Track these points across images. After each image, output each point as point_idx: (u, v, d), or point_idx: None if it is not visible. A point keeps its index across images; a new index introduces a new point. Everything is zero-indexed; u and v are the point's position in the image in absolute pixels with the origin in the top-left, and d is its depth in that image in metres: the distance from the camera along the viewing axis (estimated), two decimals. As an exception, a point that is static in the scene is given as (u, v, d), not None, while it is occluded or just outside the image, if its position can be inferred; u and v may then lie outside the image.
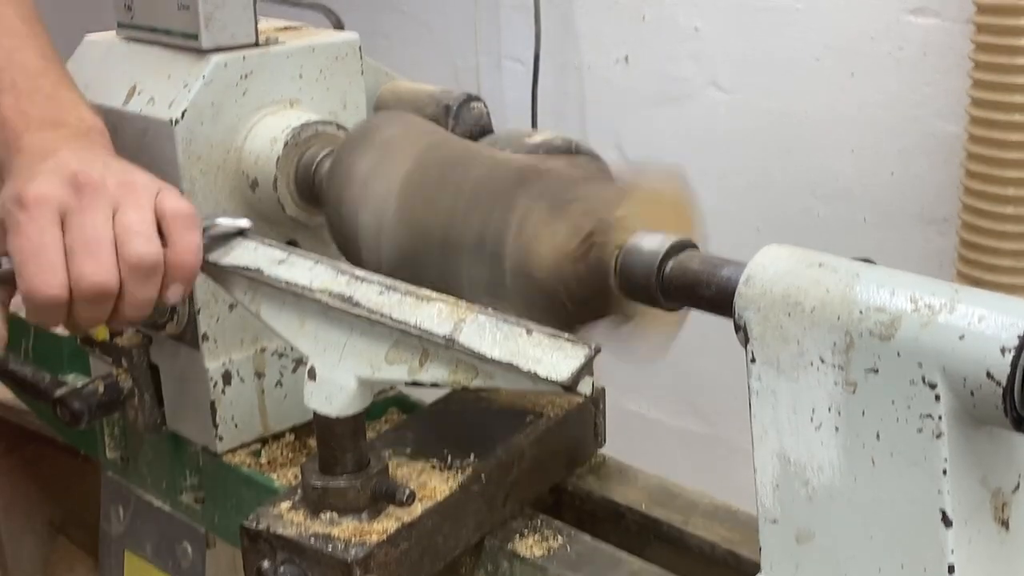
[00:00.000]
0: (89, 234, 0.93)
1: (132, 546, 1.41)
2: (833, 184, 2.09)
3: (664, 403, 2.45)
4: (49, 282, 0.92)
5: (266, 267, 1.02)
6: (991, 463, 0.81)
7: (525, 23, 2.40)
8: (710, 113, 2.23)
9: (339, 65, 1.25)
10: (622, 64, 2.34)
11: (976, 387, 0.75)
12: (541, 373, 0.88)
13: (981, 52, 1.72)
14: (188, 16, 1.17)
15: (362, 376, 0.98)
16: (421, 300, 0.95)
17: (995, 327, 0.75)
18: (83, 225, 0.93)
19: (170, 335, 1.23)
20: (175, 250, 0.97)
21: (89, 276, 0.92)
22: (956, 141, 1.84)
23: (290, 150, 1.17)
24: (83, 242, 0.93)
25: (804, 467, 0.84)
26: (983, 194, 1.74)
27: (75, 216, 0.93)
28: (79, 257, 0.92)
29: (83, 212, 0.94)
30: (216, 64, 1.17)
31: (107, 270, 0.93)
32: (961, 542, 0.79)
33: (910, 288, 0.79)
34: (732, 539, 1.10)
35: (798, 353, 0.83)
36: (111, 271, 0.93)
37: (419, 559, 1.01)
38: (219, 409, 1.24)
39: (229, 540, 1.29)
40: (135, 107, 1.19)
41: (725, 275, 0.90)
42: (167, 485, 1.34)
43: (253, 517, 1.01)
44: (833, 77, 2.05)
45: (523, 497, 1.13)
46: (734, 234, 2.09)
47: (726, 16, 2.18)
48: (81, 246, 0.92)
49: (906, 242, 2.02)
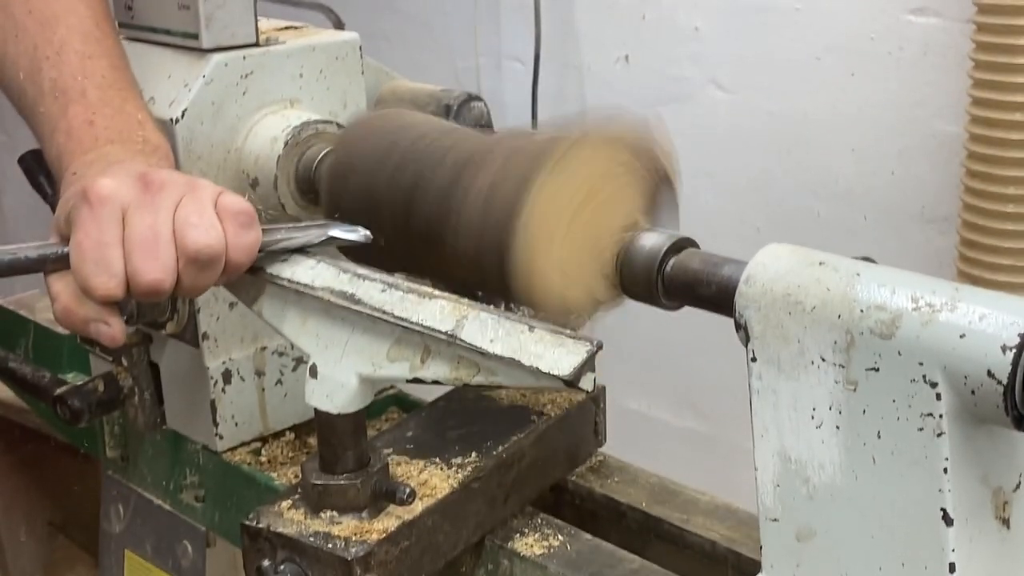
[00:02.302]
0: (148, 231, 0.93)
1: (132, 545, 1.41)
2: (833, 183, 2.09)
3: (665, 402, 2.45)
4: (105, 283, 0.92)
5: (268, 265, 1.02)
6: (992, 462, 0.81)
7: (525, 23, 2.40)
8: (710, 113, 2.23)
9: (339, 65, 1.25)
10: (622, 64, 2.34)
11: (977, 386, 0.75)
12: (543, 368, 0.88)
13: (981, 51, 1.72)
14: (189, 16, 1.17)
15: (363, 373, 0.98)
16: (423, 297, 0.95)
17: (996, 326, 0.75)
18: (144, 222, 0.93)
19: (170, 334, 1.23)
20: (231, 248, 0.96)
21: (146, 274, 0.92)
22: (956, 140, 1.84)
23: (290, 149, 1.17)
24: (142, 239, 0.92)
25: (805, 466, 0.84)
26: (984, 193, 1.74)
27: (137, 212, 0.93)
28: (137, 255, 0.92)
29: (145, 209, 0.93)
30: (216, 64, 1.17)
31: (164, 268, 0.93)
32: (962, 541, 0.79)
33: (911, 287, 0.79)
34: (732, 538, 1.10)
35: (799, 352, 0.83)
36: (168, 268, 0.93)
37: (419, 557, 1.01)
38: (219, 408, 1.24)
39: (229, 539, 1.29)
40: (136, 106, 1.19)
41: (725, 274, 0.90)
42: (167, 484, 1.34)
43: (253, 516, 1.01)
44: (833, 77, 2.05)
45: (523, 496, 1.13)
46: (734, 234, 2.10)
47: (726, 16, 2.18)
48: (140, 243, 0.92)
49: (907, 241, 2.02)
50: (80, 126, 1.05)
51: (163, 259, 0.93)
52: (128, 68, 1.12)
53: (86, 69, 1.08)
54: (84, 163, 1.02)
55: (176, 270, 0.94)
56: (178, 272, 0.94)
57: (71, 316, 0.95)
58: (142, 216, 0.93)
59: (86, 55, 1.09)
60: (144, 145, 1.05)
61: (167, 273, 0.93)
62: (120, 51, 1.13)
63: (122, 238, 0.93)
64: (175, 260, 0.93)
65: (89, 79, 1.07)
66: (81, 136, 1.04)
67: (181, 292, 0.96)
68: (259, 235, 0.98)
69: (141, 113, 1.08)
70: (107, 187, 0.94)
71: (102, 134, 1.04)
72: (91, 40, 1.10)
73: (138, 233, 0.93)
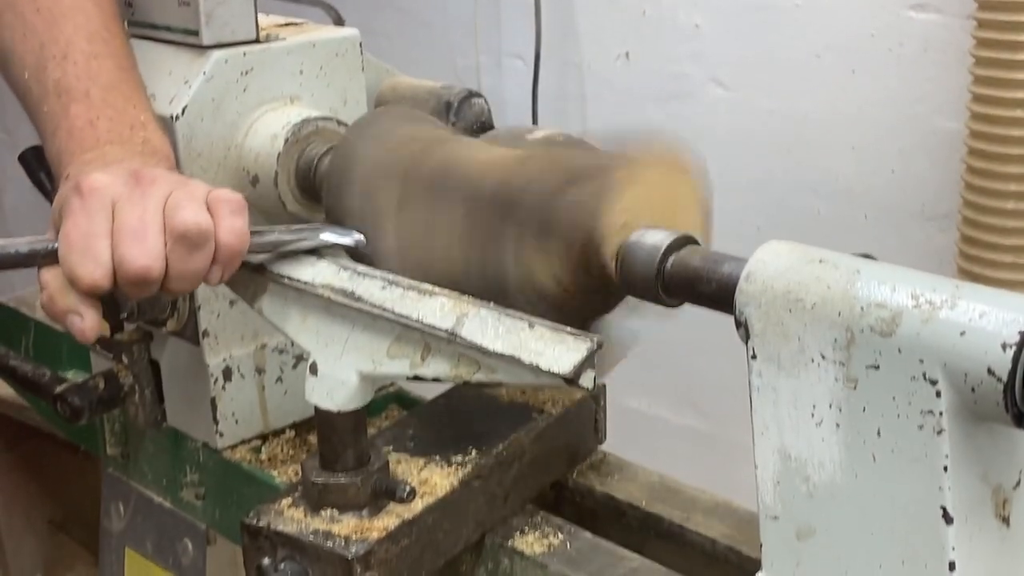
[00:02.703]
0: (136, 219, 0.93)
1: (132, 543, 1.41)
2: (834, 181, 2.09)
3: (665, 400, 2.45)
4: (92, 271, 0.92)
5: (268, 262, 1.02)
6: (992, 459, 0.81)
7: (525, 21, 2.40)
8: (710, 111, 2.23)
9: (340, 61, 1.25)
10: (623, 61, 2.34)
11: (977, 383, 0.75)
12: (543, 366, 0.88)
13: (982, 48, 1.72)
14: (189, 12, 1.17)
15: (364, 371, 0.98)
16: (423, 294, 0.95)
17: (996, 323, 0.75)
18: (133, 213, 0.93)
19: (171, 331, 1.23)
20: (219, 229, 0.95)
21: (132, 260, 0.92)
22: (957, 137, 1.84)
23: (291, 146, 1.17)
24: (130, 227, 0.93)
25: (805, 463, 0.84)
26: (984, 190, 1.74)
27: (126, 204, 0.94)
28: (124, 241, 0.92)
29: (135, 201, 0.94)
30: (217, 60, 1.17)
31: (151, 253, 0.93)
32: (962, 539, 0.79)
33: (911, 284, 0.79)
34: (732, 536, 1.10)
35: (799, 349, 0.83)
36: (155, 254, 0.93)
37: (420, 556, 1.01)
38: (219, 405, 1.24)
39: (230, 537, 1.29)
40: (136, 103, 1.19)
41: (726, 271, 0.90)
42: (167, 481, 1.34)
43: (253, 514, 1.01)
44: (834, 74, 2.05)
45: (524, 494, 1.13)
46: (735, 232, 2.09)
47: (726, 14, 2.18)
48: (128, 231, 0.93)
49: (907, 239, 2.02)
50: (82, 126, 1.05)
51: (150, 245, 0.93)
52: (135, 69, 1.12)
53: (91, 69, 1.08)
54: (83, 162, 1.02)
55: (164, 256, 0.93)
56: (166, 258, 0.94)
57: (53, 306, 0.95)
58: (132, 207, 0.93)
59: (92, 55, 1.09)
60: (144, 147, 1.05)
61: (154, 259, 0.93)
62: (127, 51, 1.13)
63: (111, 230, 0.93)
64: (163, 247, 0.93)
65: (93, 80, 1.07)
66: (82, 136, 1.04)
67: (171, 282, 0.95)
68: (247, 220, 0.97)
69: (144, 115, 1.08)
70: (99, 180, 0.94)
71: (103, 135, 1.04)
72: (98, 40, 1.10)
73: (126, 223, 0.93)
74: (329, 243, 1.04)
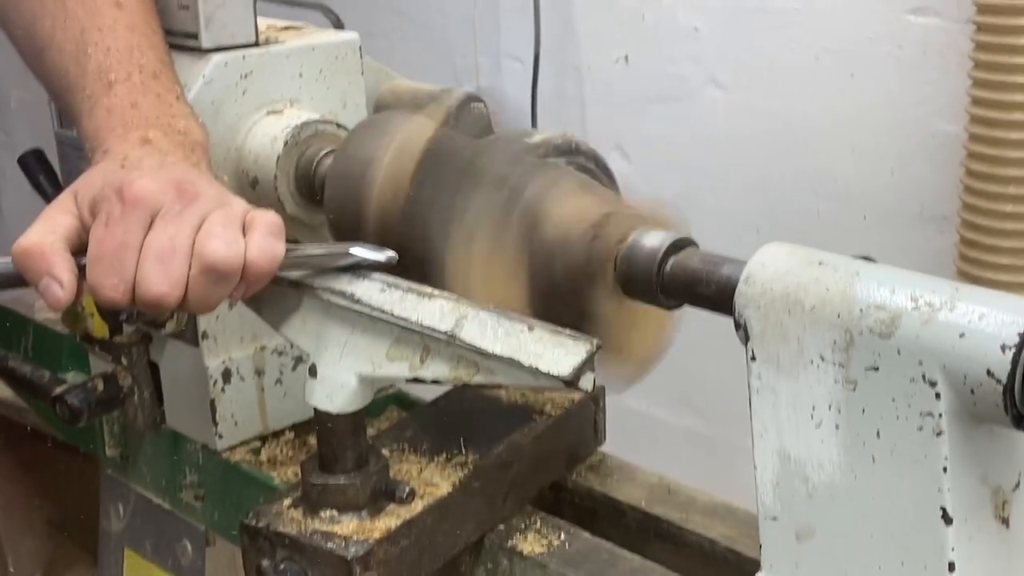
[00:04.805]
0: (167, 239, 0.91)
1: (132, 544, 1.42)
2: (833, 184, 2.09)
3: (664, 401, 2.45)
4: (114, 286, 0.91)
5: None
6: (991, 461, 0.81)
7: (525, 23, 2.40)
8: (710, 113, 2.23)
9: (339, 65, 1.25)
10: (622, 64, 2.34)
11: (976, 385, 0.75)
12: (543, 368, 0.88)
13: (981, 51, 1.72)
14: (188, 16, 1.17)
15: (363, 373, 0.98)
16: (423, 297, 0.95)
17: (995, 325, 0.75)
18: (166, 232, 0.91)
19: (170, 333, 1.23)
20: (250, 249, 0.93)
21: (152, 284, 0.91)
22: (956, 140, 1.84)
23: (290, 149, 1.17)
24: (159, 247, 0.91)
25: (804, 465, 0.84)
26: (983, 192, 1.74)
27: (162, 221, 0.92)
28: (148, 261, 0.91)
29: (171, 219, 0.92)
30: (216, 64, 1.17)
31: (171, 280, 0.91)
32: (961, 540, 0.79)
33: (910, 286, 0.79)
34: (732, 536, 1.10)
35: (798, 351, 0.83)
36: (176, 282, 0.91)
37: (419, 557, 1.01)
38: (219, 407, 1.24)
39: (229, 538, 1.29)
40: (135, 105, 1.19)
41: (725, 273, 0.90)
42: (167, 483, 1.34)
43: (253, 515, 1.01)
44: (833, 77, 2.05)
45: (523, 494, 1.13)
46: (734, 234, 2.10)
47: (726, 16, 2.18)
48: (155, 251, 0.91)
49: (906, 241, 2.02)
50: (123, 106, 1.04)
51: (174, 272, 0.91)
52: (172, 65, 1.12)
53: (133, 57, 1.07)
54: (126, 141, 1.00)
55: (185, 285, 0.92)
56: (188, 285, 0.92)
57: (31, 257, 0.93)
58: (166, 226, 0.92)
59: (134, 44, 1.08)
60: (185, 138, 1.04)
61: (174, 287, 0.91)
62: (166, 47, 1.12)
63: (142, 243, 0.92)
64: (186, 275, 0.91)
65: (136, 66, 1.07)
66: (124, 115, 1.03)
67: (187, 307, 0.94)
68: (283, 246, 0.95)
69: (185, 107, 1.08)
70: (145, 189, 0.92)
71: (145, 119, 1.03)
72: (139, 32, 1.10)
73: (156, 242, 0.91)
74: (361, 259, 1.00)
